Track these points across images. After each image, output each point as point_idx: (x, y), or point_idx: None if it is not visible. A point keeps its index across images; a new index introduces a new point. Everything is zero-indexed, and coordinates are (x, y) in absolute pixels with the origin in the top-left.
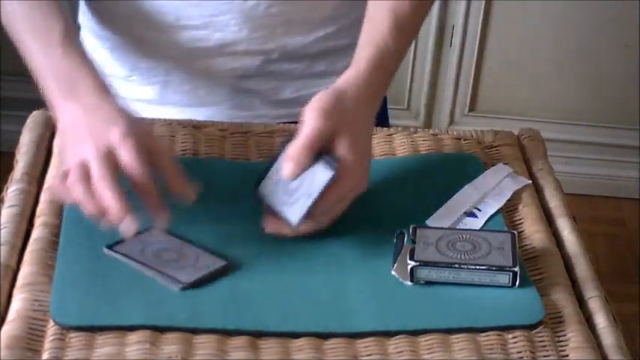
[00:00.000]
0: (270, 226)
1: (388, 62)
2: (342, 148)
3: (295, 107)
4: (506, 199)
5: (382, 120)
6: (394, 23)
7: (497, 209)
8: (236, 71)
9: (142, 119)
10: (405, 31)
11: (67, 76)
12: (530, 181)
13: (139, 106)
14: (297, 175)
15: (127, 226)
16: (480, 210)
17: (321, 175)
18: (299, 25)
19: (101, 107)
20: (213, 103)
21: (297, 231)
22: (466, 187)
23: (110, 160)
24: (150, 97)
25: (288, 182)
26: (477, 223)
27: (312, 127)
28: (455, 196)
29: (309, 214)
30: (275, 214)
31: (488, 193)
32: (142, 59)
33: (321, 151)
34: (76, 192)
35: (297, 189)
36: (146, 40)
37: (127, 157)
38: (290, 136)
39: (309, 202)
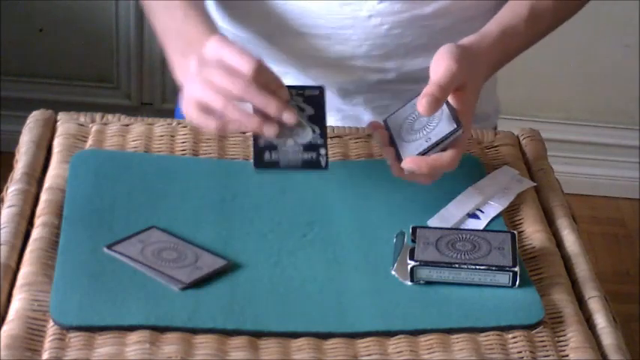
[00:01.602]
0: (387, 151)
1: (511, 41)
2: (462, 104)
3: None
4: (510, 201)
5: None
6: (531, 12)
7: (499, 211)
8: (350, 85)
9: None
10: (539, 22)
11: (186, 37)
12: (535, 183)
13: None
14: (431, 112)
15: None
16: (482, 212)
17: (444, 125)
18: (420, 48)
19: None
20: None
21: (401, 173)
22: (469, 188)
23: (221, 63)
24: None
25: (413, 122)
26: (479, 225)
27: (448, 68)
28: (458, 197)
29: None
30: (393, 146)
31: (492, 195)
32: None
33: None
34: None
35: (418, 131)
36: (266, 41)
37: (232, 56)
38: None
39: (425, 145)
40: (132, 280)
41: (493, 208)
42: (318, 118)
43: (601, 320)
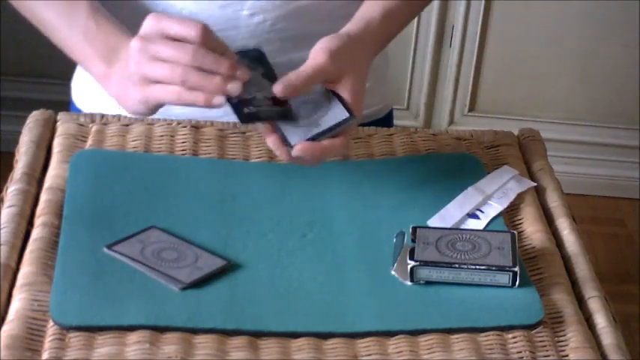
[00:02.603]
0: (270, 140)
1: (393, 24)
2: (348, 93)
3: None
4: (510, 201)
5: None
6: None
7: (499, 211)
8: None
9: None
10: (414, 1)
11: (106, 44)
12: (535, 184)
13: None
14: (285, 93)
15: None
16: (482, 212)
17: (335, 112)
18: (306, 39)
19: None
20: (218, 116)
21: (289, 156)
22: (469, 188)
23: (164, 36)
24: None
25: (297, 109)
26: (478, 225)
27: (316, 62)
28: (458, 197)
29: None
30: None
31: (492, 195)
32: None
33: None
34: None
35: (304, 118)
36: None
37: (174, 26)
38: None
39: (314, 131)
40: (132, 280)
41: (493, 208)
42: (270, 74)
43: (601, 320)
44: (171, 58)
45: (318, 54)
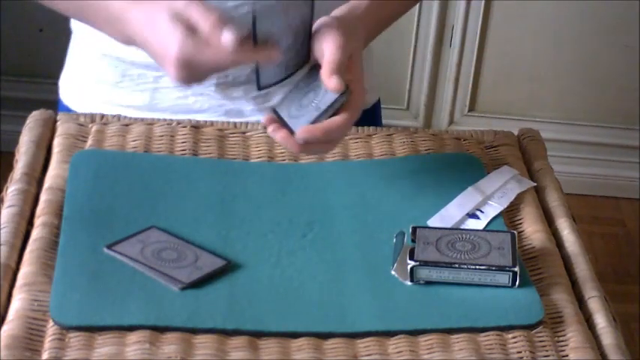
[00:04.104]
0: (279, 136)
1: (383, 9)
2: (354, 73)
3: None
4: (510, 201)
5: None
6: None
7: (499, 211)
8: (226, 78)
9: None
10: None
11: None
12: (535, 184)
13: (129, 112)
14: (341, 86)
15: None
16: (482, 212)
17: (330, 94)
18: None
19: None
20: (203, 111)
21: (299, 147)
22: (469, 188)
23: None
24: (140, 103)
25: (301, 100)
26: (478, 225)
27: (337, 42)
28: (457, 197)
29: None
30: (284, 127)
31: (492, 195)
32: (133, 66)
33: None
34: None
35: (307, 105)
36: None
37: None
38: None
39: (315, 114)
40: (132, 280)
41: (493, 208)
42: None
43: (601, 320)
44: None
45: (331, 36)
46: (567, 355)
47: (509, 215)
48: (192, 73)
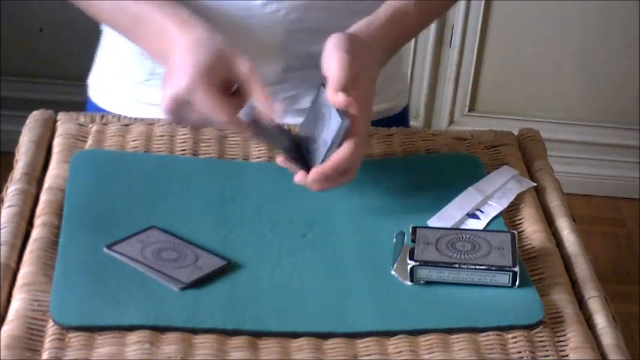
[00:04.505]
0: (295, 178)
1: (402, 25)
2: (359, 92)
3: None
4: (510, 201)
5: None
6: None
7: (499, 211)
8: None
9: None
10: (431, 2)
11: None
12: (535, 184)
13: (157, 110)
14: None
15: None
16: (482, 212)
17: (333, 122)
18: (319, 32)
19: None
20: None
21: (316, 187)
22: (469, 188)
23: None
24: None
25: (313, 131)
26: (478, 225)
27: (342, 62)
28: (457, 197)
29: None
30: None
31: (492, 195)
32: None
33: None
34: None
35: (317, 139)
36: None
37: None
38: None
39: (323, 151)
40: (132, 280)
41: (493, 208)
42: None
43: (601, 320)
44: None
45: (336, 54)
46: (567, 355)
47: (509, 215)
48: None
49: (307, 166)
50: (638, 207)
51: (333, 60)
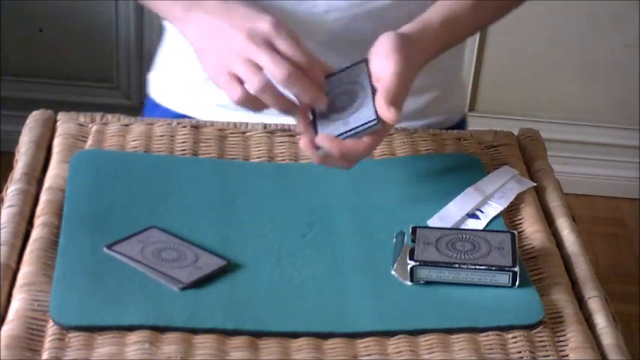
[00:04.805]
0: (302, 142)
1: (453, 30)
2: (389, 93)
3: None
4: (510, 201)
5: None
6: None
7: (499, 211)
8: None
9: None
10: (485, 9)
11: None
12: (535, 184)
13: (219, 111)
14: (398, 116)
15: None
16: (482, 212)
17: (365, 112)
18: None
19: (232, 9)
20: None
21: (318, 158)
22: (469, 188)
23: (271, 46)
24: (226, 102)
25: (336, 99)
26: (478, 225)
27: (396, 65)
28: (457, 197)
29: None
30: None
31: (492, 195)
32: None
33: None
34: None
35: (340, 110)
36: None
37: (285, 44)
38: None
39: (341, 129)
40: (132, 280)
41: (493, 208)
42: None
43: (601, 320)
44: (264, 69)
45: (392, 56)
46: (567, 355)
47: (509, 215)
48: (249, 52)
49: (315, 129)
50: (638, 207)
51: (389, 63)
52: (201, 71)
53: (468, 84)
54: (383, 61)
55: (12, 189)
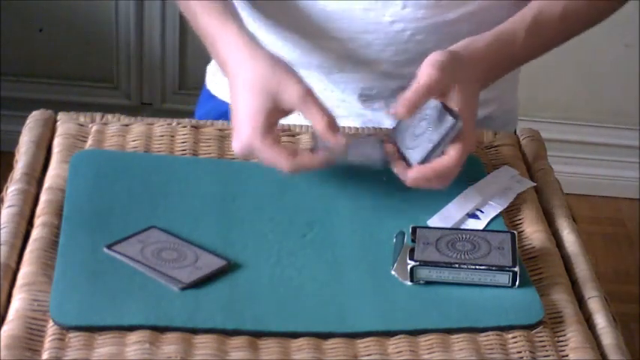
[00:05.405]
0: (396, 168)
1: (506, 47)
2: (456, 103)
3: None
4: (510, 201)
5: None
6: (534, 20)
7: (499, 211)
8: (371, 90)
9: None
10: (545, 30)
11: (219, 54)
12: (535, 184)
13: None
14: (407, 115)
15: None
16: (482, 212)
17: (443, 123)
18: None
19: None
20: (345, 117)
21: (411, 183)
22: (469, 188)
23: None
24: None
25: (414, 129)
26: (478, 225)
27: (428, 74)
28: (458, 197)
29: (428, 159)
30: (400, 158)
31: (492, 195)
32: None
33: (443, 104)
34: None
35: (420, 136)
36: (291, 43)
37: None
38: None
39: (429, 147)
40: (132, 280)
41: (493, 208)
42: None
43: (601, 320)
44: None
45: (427, 68)
46: (567, 355)
47: (509, 215)
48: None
49: (405, 159)
50: (638, 207)
51: (422, 74)
52: None
53: None
54: (419, 75)
55: (12, 189)
